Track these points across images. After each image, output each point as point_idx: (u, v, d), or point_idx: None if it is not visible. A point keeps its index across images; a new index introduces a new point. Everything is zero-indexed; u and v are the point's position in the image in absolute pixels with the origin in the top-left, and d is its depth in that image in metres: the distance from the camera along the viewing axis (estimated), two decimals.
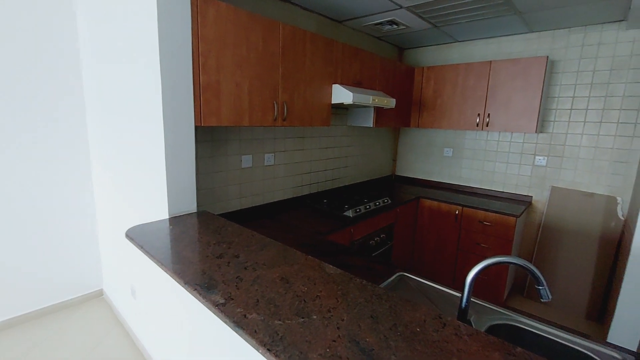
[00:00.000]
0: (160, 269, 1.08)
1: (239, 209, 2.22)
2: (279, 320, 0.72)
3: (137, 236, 1.22)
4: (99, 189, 2.44)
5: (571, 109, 2.73)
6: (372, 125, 2.83)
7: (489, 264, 0.82)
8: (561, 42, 2.76)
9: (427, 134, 3.62)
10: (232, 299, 0.81)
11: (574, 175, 2.75)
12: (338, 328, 0.70)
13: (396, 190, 3.29)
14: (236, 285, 0.87)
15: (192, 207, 1.58)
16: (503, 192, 3.11)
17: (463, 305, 0.85)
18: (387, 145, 3.73)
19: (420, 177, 3.70)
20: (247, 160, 2.24)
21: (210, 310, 0.77)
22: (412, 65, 3.63)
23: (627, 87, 2.50)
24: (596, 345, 1.03)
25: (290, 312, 0.76)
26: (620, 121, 2.53)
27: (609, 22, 2.54)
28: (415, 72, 3.30)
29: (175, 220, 1.43)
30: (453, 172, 3.44)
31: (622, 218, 2.52)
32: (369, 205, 2.48)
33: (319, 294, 0.84)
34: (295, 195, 2.63)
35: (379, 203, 2.59)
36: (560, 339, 1.06)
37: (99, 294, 2.72)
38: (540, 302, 2.84)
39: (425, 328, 0.72)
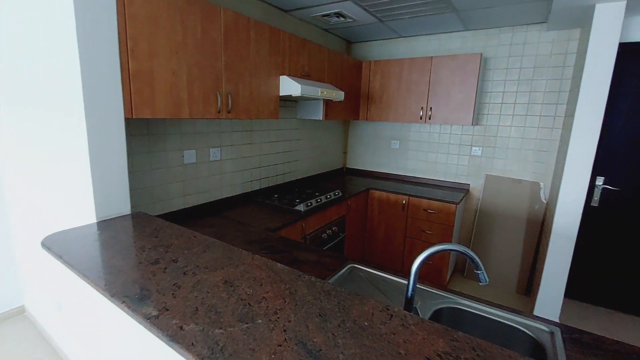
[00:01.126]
0: (84, 281, 0.95)
1: (182, 208, 2.07)
2: (220, 328, 0.67)
3: (56, 245, 1.06)
4: (12, 193, 2.11)
5: (502, 103, 2.98)
6: (322, 118, 2.82)
7: (432, 252, 0.84)
8: (493, 41, 2.98)
9: (375, 126, 3.71)
10: (167, 309, 0.73)
11: (504, 164, 3.01)
12: (284, 331, 0.67)
13: (347, 182, 3.33)
14: (173, 294, 0.79)
15: (125, 209, 1.43)
16: (444, 181, 3.31)
17: (409, 294, 0.86)
18: (337, 138, 3.75)
19: (370, 169, 3.79)
20: (190, 156, 2.09)
21: (142, 324, 0.69)
22: (360, 59, 3.67)
23: (547, 84, 2.78)
24: (526, 319, 1.13)
25: (234, 318, 0.70)
26: (542, 114, 2.82)
27: (532, 24, 2.79)
28: (363, 66, 3.35)
29: (104, 225, 1.27)
30: (400, 163, 3.58)
31: (545, 201, 2.82)
32: (321, 199, 2.48)
33: (265, 296, 0.80)
34: (244, 191, 2.53)
35: (330, 196, 2.60)
36: (495, 317, 1.14)
37: (20, 311, 2.39)
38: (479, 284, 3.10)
39: (373, 322, 0.72)
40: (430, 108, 3.01)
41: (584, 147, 2.20)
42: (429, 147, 3.39)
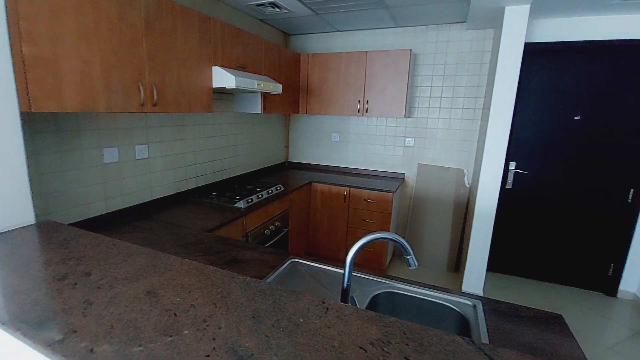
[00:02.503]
0: None
1: (105, 213, 1.86)
2: (140, 345, 0.60)
3: None
4: None
5: (430, 97, 3.19)
6: (260, 112, 2.74)
7: (364, 243, 0.86)
8: (421, 38, 3.16)
9: (316, 120, 3.73)
10: (75, 331, 0.64)
11: (434, 153, 3.24)
12: (214, 339, 0.63)
13: (290, 176, 3.31)
14: (83, 312, 0.70)
15: (28, 219, 1.23)
16: (382, 171, 3.47)
17: (345, 285, 0.88)
18: (278, 132, 3.70)
19: (312, 162, 3.81)
20: (111, 154, 1.88)
21: (42, 352, 0.60)
22: (298, 52, 3.64)
23: (468, 79, 3.04)
24: (453, 296, 1.23)
25: (156, 332, 0.64)
26: (464, 107, 3.08)
27: (454, 23, 3.01)
28: (302, 59, 3.32)
29: None
30: (341, 155, 3.66)
31: (468, 186, 3.11)
32: (262, 194, 2.42)
33: (193, 303, 0.74)
34: (179, 191, 2.36)
35: (272, 191, 2.56)
36: (427, 297, 1.23)
37: None
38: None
39: (308, 317, 0.71)
40: (367, 101, 3.11)
41: (498, 137, 2.46)
42: (367, 139, 3.51)
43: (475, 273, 2.66)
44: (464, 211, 3.13)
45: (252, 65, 2.53)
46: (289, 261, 1.39)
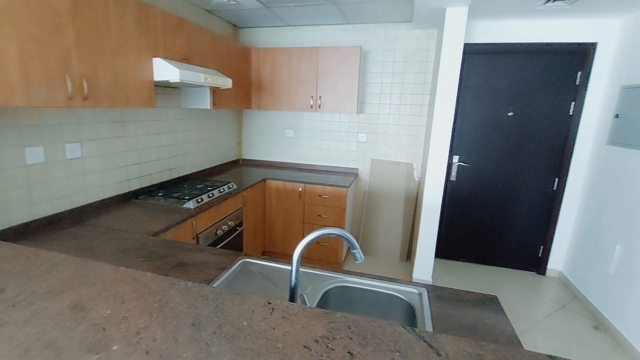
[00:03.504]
0: None
1: (31, 220, 1.67)
2: None
3: None
4: None
5: (380, 93, 3.29)
6: (209, 107, 2.62)
7: (312, 239, 0.86)
8: (370, 35, 3.23)
9: (269, 115, 3.66)
10: None
11: (386, 148, 3.36)
12: (147, 352, 0.59)
13: (243, 174, 3.22)
14: None
15: None
16: (337, 166, 3.52)
17: (293, 283, 0.87)
18: (230, 128, 3.58)
19: (266, 159, 3.75)
20: (35, 154, 1.68)
21: None
22: (249, 46, 3.54)
23: (414, 76, 3.17)
24: (401, 285, 1.28)
25: (80, 350, 0.58)
26: (412, 103, 3.22)
27: (401, 22, 3.12)
28: (252, 53, 3.24)
29: None
30: (295, 151, 3.64)
31: (417, 179, 3.27)
32: (213, 193, 2.33)
33: (126, 315, 0.69)
34: (119, 193, 2.19)
35: (224, 189, 2.47)
36: (376, 288, 1.26)
37: None
38: (355, 263, 3.42)
39: (253, 320, 0.69)
40: (320, 97, 3.12)
41: (442, 132, 2.61)
42: (321, 135, 3.53)
43: (424, 261, 2.81)
44: (414, 203, 3.29)
45: (199, 58, 2.41)
46: (240, 261, 1.35)
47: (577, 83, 2.82)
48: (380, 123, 3.34)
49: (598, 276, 2.58)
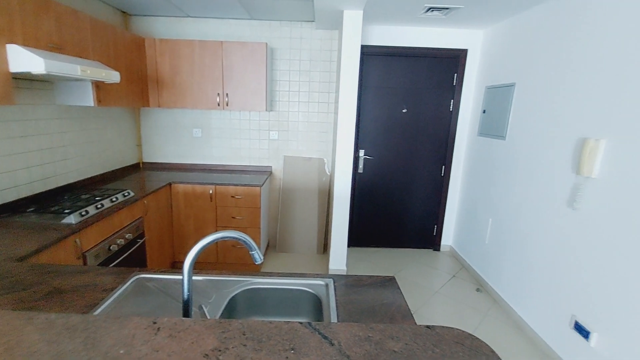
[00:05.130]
0: None
1: None
2: None
3: None
4: None
5: (289, 91, 3.31)
6: (93, 104, 2.28)
7: (204, 246, 0.81)
8: (276, 32, 3.22)
9: (173, 114, 3.37)
10: None
11: (297, 145, 3.41)
12: None
13: (145, 179, 2.91)
14: None
15: None
16: (250, 165, 3.44)
17: (185, 296, 0.81)
18: (126, 128, 3.18)
19: (172, 162, 3.45)
20: None
21: None
22: (142, 36, 3.19)
23: (320, 75, 3.28)
24: (309, 279, 1.31)
25: None
26: (319, 101, 3.32)
27: (305, 21, 3.18)
28: (147, 44, 2.92)
29: None
30: (205, 152, 3.43)
31: (328, 173, 3.41)
32: (103, 204, 2.04)
33: None
34: None
35: (118, 198, 2.19)
36: (285, 285, 1.27)
37: None
38: (255, 264, 3.45)
39: (132, 346, 0.62)
40: (227, 94, 2.99)
41: (347, 127, 2.76)
42: (232, 134, 3.40)
43: (338, 251, 2.96)
44: (327, 197, 3.42)
45: (74, 47, 2.07)
46: (133, 278, 1.21)
47: (454, 83, 3.28)
48: (290, 120, 3.36)
49: (477, 246, 3.08)
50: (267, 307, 1.27)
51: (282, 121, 3.36)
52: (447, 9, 2.60)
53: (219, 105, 3.00)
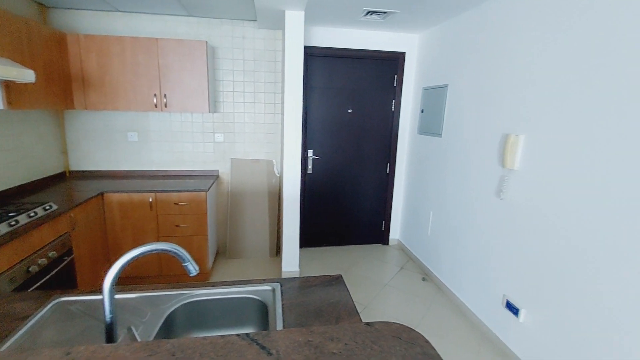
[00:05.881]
0: None
1: None
2: None
3: None
4: None
5: (233, 92, 3.21)
6: (2, 107, 2.00)
7: (126, 262, 0.74)
8: (217, 31, 3.10)
9: (103, 117, 3.08)
10: None
11: (244, 147, 3.32)
12: None
13: (72, 189, 2.62)
14: None
15: None
16: (194, 170, 3.28)
17: (107, 319, 0.74)
18: (47, 134, 2.84)
19: (105, 169, 3.16)
20: None
21: None
22: (64, 31, 2.87)
23: (266, 75, 3.23)
24: (255, 286, 1.28)
25: None
26: (266, 102, 3.27)
27: (247, 20, 3.10)
28: (69, 40, 2.64)
29: None
30: (143, 157, 3.20)
31: (278, 175, 3.37)
32: (18, 220, 1.80)
33: None
34: None
35: (37, 212, 1.94)
36: (229, 294, 1.23)
37: None
38: (191, 273, 3.35)
39: None
40: (165, 95, 2.82)
41: (294, 128, 2.75)
42: (173, 137, 3.21)
43: (290, 253, 2.94)
44: (278, 199, 3.38)
45: None
46: (52, 303, 1.08)
47: (395, 85, 3.44)
48: (236, 122, 3.27)
49: (421, 239, 3.26)
50: (210, 320, 1.21)
51: (227, 123, 3.25)
52: (385, 13, 2.71)
53: (156, 106, 2.81)
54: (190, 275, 0.84)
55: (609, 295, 1.51)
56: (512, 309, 2.07)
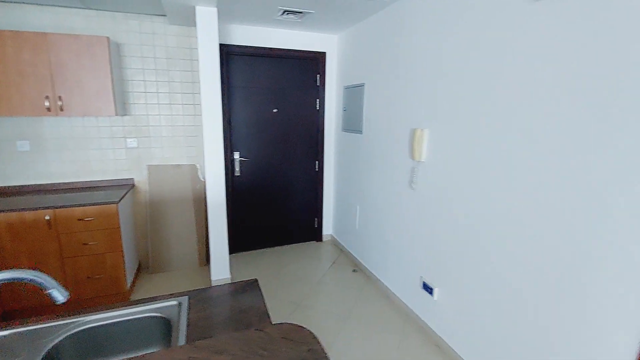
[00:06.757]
0: None
1: None
2: None
3: None
4: None
5: (145, 92, 2.97)
6: None
7: None
8: (122, 26, 2.83)
9: None
10: None
11: (162, 152, 3.09)
12: None
13: None
14: None
15: None
16: (105, 180, 2.96)
17: None
18: None
19: None
20: None
21: None
22: None
23: (181, 75, 3.04)
24: (158, 303, 1.20)
25: None
26: (183, 103, 3.09)
27: (155, 15, 2.88)
28: None
29: None
30: (38, 169, 2.79)
31: (203, 180, 3.21)
32: None
33: None
34: None
35: None
36: (127, 316, 1.13)
37: None
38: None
39: None
40: (60, 97, 2.49)
41: (214, 129, 2.64)
42: (76, 144, 2.85)
43: (220, 260, 2.83)
44: (204, 204, 3.23)
45: None
46: None
47: (318, 84, 3.50)
48: (151, 125, 3.02)
49: (351, 232, 3.39)
50: (107, 347, 1.10)
51: (140, 126, 2.99)
52: (301, 12, 2.72)
53: (49, 110, 2.47)
54: (57, 303, 0.75)
55: (500, 268, 1.72)
56: (428, 288, 2.26)
